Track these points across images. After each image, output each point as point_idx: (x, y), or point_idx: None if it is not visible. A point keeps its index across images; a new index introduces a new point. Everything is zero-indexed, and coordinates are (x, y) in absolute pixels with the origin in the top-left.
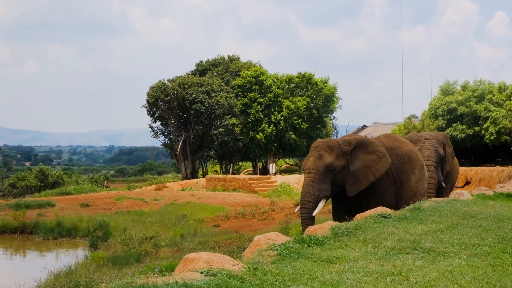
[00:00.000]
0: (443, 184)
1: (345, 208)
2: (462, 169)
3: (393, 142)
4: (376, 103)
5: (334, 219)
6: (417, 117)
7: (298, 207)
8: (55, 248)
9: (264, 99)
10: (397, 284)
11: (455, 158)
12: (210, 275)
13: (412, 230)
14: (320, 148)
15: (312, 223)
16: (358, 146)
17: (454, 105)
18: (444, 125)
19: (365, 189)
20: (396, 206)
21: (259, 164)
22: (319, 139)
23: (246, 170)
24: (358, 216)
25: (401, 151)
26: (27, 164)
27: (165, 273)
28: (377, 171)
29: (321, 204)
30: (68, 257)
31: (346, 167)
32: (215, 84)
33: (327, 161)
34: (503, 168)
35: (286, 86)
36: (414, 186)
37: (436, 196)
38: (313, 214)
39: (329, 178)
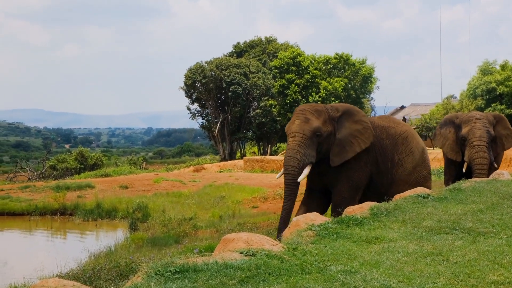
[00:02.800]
0: (495, 165)
1: (315, 182)
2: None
3: (387, 122)
4: (414, 83)
5: (305, 193)
6: (455, 97)
7: (281, 173)
8: (95, 229)
9: (301, 80)
10: (437, 264)
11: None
12: (250, 255)
13: (452, 210)
14: (307, 111)
15: (296, 190)
16: (345, 113)
17: (493, 85)
18: (483, 105)
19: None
20: (385, 189)
21: None
22: (306, 103)
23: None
24: (397, 196)
25: (394, 131)
26: (67, 146)
27: (204, 253)
28: (362, 142)
29: (306, 171)
30: (108, 238)
31: (333, 135)
32: (253, 66)
33: (314, 125)
34: None
35: (324, 67)
36: (410, 170)
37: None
38: (298, 180)
39: (315, 143)
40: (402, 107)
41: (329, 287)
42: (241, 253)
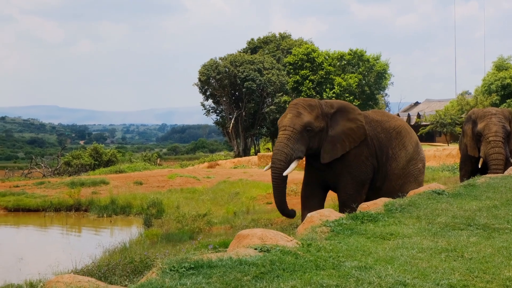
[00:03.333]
0: (511, 160)
1: (314, 177)
2: None
3: (381, 116)
4: (429, 79)
5: (305, 190)
6: (470, 93)
7: (268, 166)
8: (110, 225)
9: (315, 76)
10: (452, 261)
11: None
12: (264, 251)
13: (466, 206)
14: (300, 106)
15: (284, 184)
16: (340, 110)
17: (508, 80)
18: (498, 101)
19: (340, 158)
20: (380, 183)
21: None
22: (300, 98)
23: None
24: (411, 192)
25: (389, 125)
26: (81, 142)
27: (218, 249)
28: (353, 141)
29: (293, 165)
30: (123, 234)
31: (325, 131)
32: (267, 62)
33: (305, 119)
34: None
35: (338, 63)
36: (404, 164)
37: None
38: (284, 174)
39: (305, 138)
40: (417, 103)
41: (343, 283)
42: (255, 249)
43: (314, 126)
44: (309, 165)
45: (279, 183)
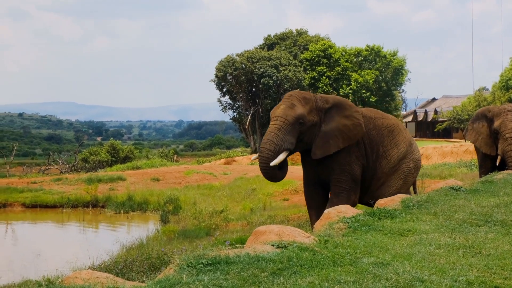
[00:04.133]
0: None
1: (311, 175)
2: None
3: (375, 113)
4: (446, 75)
5: (307, 191)
6: (487, 89)
7: (256, 155)
8: (127, 221)
9: (332, 72)
10: (470, 257)
11: None
12: (281, 247)
13: (484, 202)
14: (294, 98)
15: (274, 173)
16: (336, 106)
17: None
18: None
19: (331, 156)
20: (369, 182)
21: None
22: (295, 90)
23: None
24: (428, 189)
25: (381, 122)
26: (98, 139)
27: (236, 245)
28: (348, 138)
29: (281, 156)
30: (139, 231)
31: (318, 126)
32: (283, 58)
33: (298, 111)
34: None
35: (355, 59)
36: (395, 162)
37: None
38: (271, 164)
39: (296, 131)
40: (434, 99)
41: (361, 279)
42: (272, 245)
43: (307, 119)
44: (304, 161)
45: (269, 172)
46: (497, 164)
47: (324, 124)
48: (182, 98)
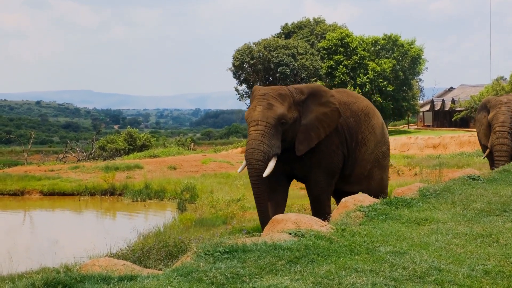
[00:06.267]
0: None
1: (284, 170)
2: None
3: (347, 96)
4: (463, 65)
5: (270, 184)
6: (505, 78)
7: (242, 166)
8: (144, 209)
9: (349, 61)
10: (487, 246)
11: None
12: (299, 235)
13: (502, 192)
14: (270, 96)
15: (264, 187)
16: (311, 95)
17: None
18: None
19: (311, 149)
20: (349, 170)
21: None
22: (266, 87)
23: None
24: (445, 178)
25: (357, 107)
26: (116, 127)
27: (253, 234)
28: (328, 126)
29: (272, 164)
30: (157, 219)
31: (298, 121)
32: (301, 47)
33: (279, 112)
34: None
35: (372, 48)
36: (372, 148)
37: None
38: (264, 175)
39: (279, 132)
40: (451, 89)
41: (378, 268)
42: (290, 233)
43: (288, 117)
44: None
45: (260, 186)
46: (483, 157)
47: (303, 117)
48: (199, 87)
